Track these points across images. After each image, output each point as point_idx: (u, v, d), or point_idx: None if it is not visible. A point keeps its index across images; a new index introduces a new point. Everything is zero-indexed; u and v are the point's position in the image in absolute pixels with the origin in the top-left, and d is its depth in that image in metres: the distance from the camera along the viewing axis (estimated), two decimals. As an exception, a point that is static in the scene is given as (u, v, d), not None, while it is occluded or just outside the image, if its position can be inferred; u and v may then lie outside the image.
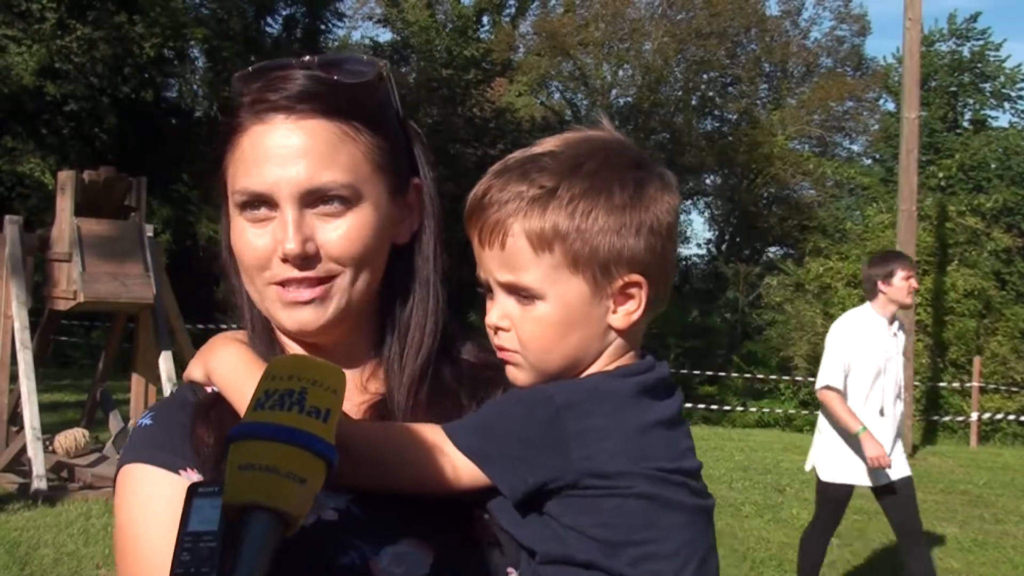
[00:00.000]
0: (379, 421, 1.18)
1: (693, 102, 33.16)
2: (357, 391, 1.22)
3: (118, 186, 9.15)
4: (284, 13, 27.35)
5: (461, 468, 1.09)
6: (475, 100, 29.17)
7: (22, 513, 7.64)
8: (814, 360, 19.67)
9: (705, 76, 33.23)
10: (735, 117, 33.74)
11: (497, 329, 1.15)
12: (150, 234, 9.04)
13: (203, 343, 1.29)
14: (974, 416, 16.09)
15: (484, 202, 1.13)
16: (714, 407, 18.38)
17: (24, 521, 7.41)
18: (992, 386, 17.70)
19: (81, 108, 20.94)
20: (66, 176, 8.93)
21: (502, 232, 1.11)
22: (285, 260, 1.14)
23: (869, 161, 32.31)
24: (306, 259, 1.14)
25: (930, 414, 17.47)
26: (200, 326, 15.15)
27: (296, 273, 1.14)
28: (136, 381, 9.36)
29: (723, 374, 19.55)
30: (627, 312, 1.12)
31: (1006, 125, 28.72)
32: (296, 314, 1.16)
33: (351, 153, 1.16)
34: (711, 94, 34.00)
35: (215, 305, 20.05)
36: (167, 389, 8.60)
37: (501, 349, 1.15)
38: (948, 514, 9.47)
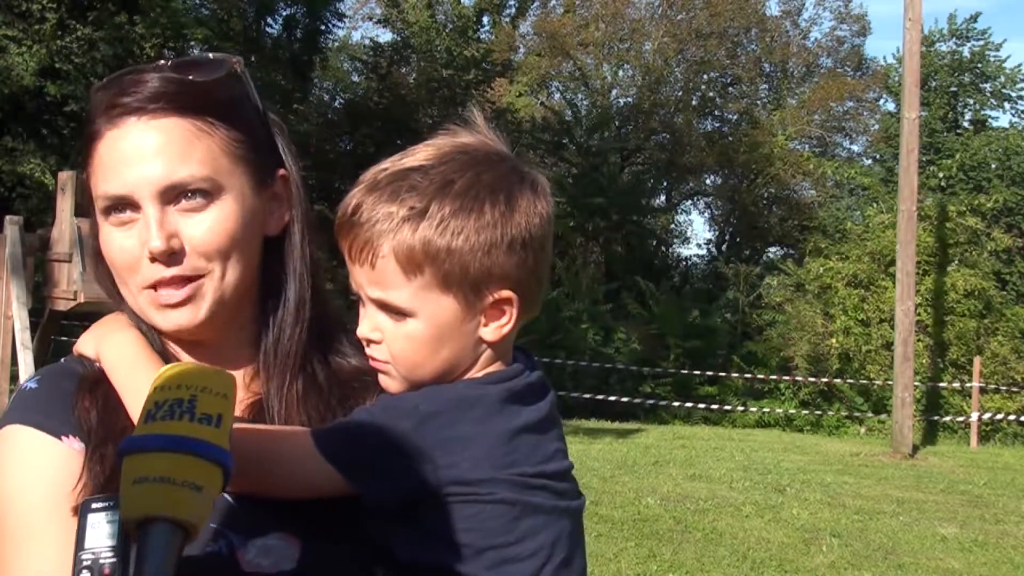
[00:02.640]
0: (256, 424, 1.18)
1: (693, 102, 33.15)
2: (241, 389, 1.20)
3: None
4: (284, 13, 27.34)
5: (330, 475, 1.09)
6: (475, 100, 29.17)
7: (22, 513, 7.65)
8: (814, 360, 19.73)
9: (705, 76, 33.25)
10: (735, 117, 33.74)
11: (369, 341, 1.15)
12: (150, 234, 9.05)
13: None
14: (974, 416, 16.11)
15: (354, 219, 1.11)
16: (714, 407, 18.38)
17: (24, 521, 7.42)
18: (992, 386, 17.72)
19: (81, 108, 20.91)
20: (66, 176, 8.94)
21: (371, 252, 1.10)
22: (153, 260, 1.14)
23: (869, 161, 32.33)
24: (173, 255, 1.14)
25: (930, 414, 17.49)
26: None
27: (166, 273, 1.14)
28: (136, 381, 9.37)
29: (723, 374, 19.54)
30: (498, 326, 1.14)
31: (1006, 125, 28.74)
32: (170, 315, 1.16)
33: (207, 147, 1.16)
34: (711, 94, 34.02)
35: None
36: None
37: (373, 359, 1.16)
38: (948, 514, 9.47)
